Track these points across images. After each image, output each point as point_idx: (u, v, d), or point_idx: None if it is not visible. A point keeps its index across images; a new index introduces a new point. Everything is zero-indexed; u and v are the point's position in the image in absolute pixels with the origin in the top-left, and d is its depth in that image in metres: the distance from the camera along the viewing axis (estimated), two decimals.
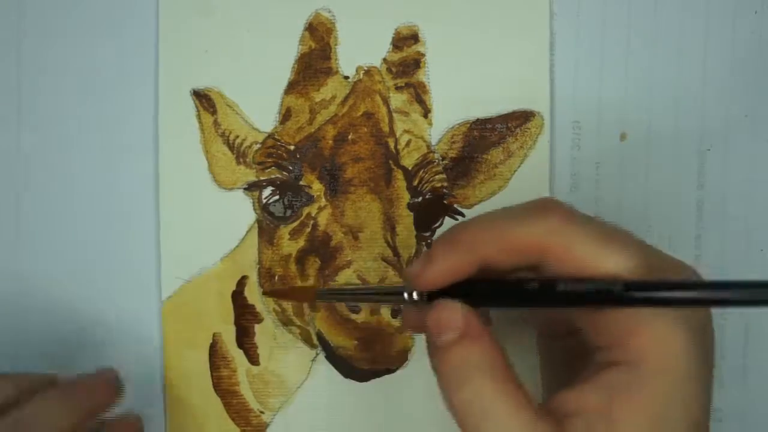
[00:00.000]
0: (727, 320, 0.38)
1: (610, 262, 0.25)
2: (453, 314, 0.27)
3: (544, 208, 0.27)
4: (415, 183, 0.37)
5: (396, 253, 0.37)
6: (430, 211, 0.37)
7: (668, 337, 0.25)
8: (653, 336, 0.25)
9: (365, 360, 0.37)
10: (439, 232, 0.38)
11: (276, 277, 0.37)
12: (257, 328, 0.38)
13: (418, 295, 0.28)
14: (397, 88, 0.37)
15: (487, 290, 0.27)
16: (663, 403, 0.25)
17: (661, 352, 0.25)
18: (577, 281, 0.26)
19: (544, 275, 0.27)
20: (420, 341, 0.37)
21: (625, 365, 0.25)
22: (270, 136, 0.37)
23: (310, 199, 0.37)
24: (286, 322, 0.38)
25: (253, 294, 0.38)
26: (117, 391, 0.34)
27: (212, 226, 0.37)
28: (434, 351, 0.27)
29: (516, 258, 0.27)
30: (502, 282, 0.27)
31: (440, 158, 0.38)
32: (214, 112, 0.37)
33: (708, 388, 0.26)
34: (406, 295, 0.29)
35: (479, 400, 0.26)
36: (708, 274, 0.37)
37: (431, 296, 0.28)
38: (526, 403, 0.25)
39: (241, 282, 0.38)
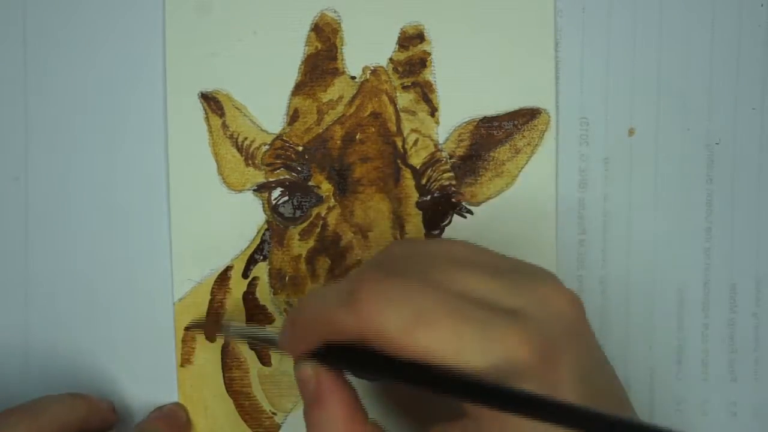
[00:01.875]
0: (737, 314, 0.38)
1: (417, 348, 0.26)
2: (305, 376, 0.29)
3: (351, 294, 0.27)
4: (424, 182, 0.38)
5: None
6: (438, 209, 0.38)
7: None
8: None
9: None
10: (448, 230, 0.38)
11: (287, 278, 0.38)
12: (269, 328, 0.38)
13: None
14: (404, 88, 0.38)
15: (351, 357, 0.29)
16: None
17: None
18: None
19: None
20: None
21: (472, 416, 0.26)
22: (278, 137, 0.38)
23: (320, 200, 0.37)
24: None
25: (264, 295, 0.38)
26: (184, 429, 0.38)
27: (223, 228, 0.38)
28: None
29: (345, 339, 0.28)
30: (363, 352, 0.28)
31: (448, 157, 0.38)
32: (222, 115, 0.38)
33: None
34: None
35: None
36: (719, 267, 0.38)
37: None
38: None
39: (252, 283, 0.38)
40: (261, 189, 0.38)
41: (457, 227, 0.38)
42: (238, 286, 0.38)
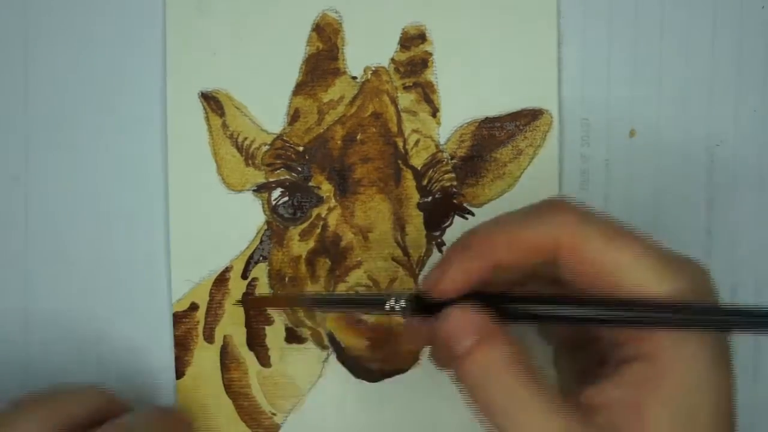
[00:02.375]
0: None
1: (620, 259, 0.26)
2: (468, 320, 0.27)
3: (554, 206, 0.27)
4: (425, 182, 0.37)
5: (406, 253, 0.37)
6: (439, 210, 0.38)
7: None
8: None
9: (376, 360, 0.37)
10: (449, 231, 0.38)
11: (286, 279, 0.37)
12: (268, 330, 0.38)
13: (403, 303, 0.28)
14: (405, 88, 0.37)
15: (501, 302, 0.27)
16: (686, 392, 0.25)
17: (677, 342, 0.25)
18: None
19: (559, 276, 0.27)
20: None
21: (645, 358, 0.26)
22: (278, 137, 0.38)
23: (320, 200, 0.37)
24: (296, 324, 0.38)
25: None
26: None
27: (222, 228, 0.38)
28: (453, 360, 0.27)
29: (529, 258, 0.27)
30: (516, 296, 0.28)
31: (449, 157, 0.38)
32: (222, 114, 0.38)
33: (728, 379, 0.26)
34: (389, 305, 0.29)
35: (510, 400, 0.26)
36: (719, 268, 0.38)
37: (424, 307, 0.28)
38: (554, 398, 0.26)
39: (251, 284, 0.38)
40: (261, 189, 0.38)
41: (458, 229, 0.38)
42: (237, 287, 0.38)
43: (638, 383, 0.26)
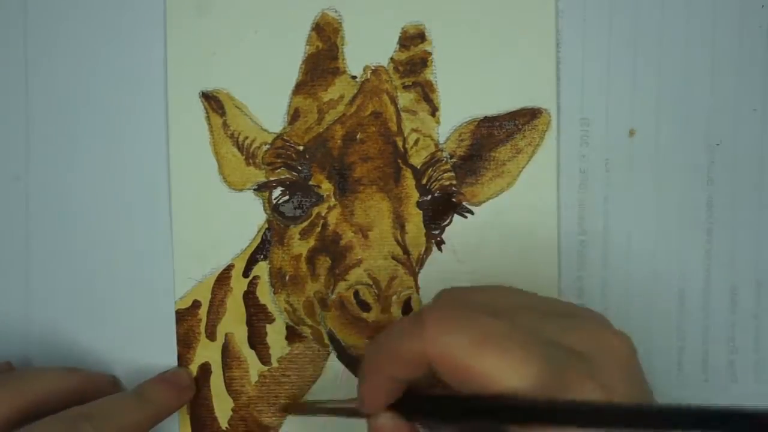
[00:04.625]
0: (738, 315, 0.38)
1: (483, 363, 0.26)
2: (383, 427, 0.30)
3: (420, 319, 0.28)
4: (424, 181, 0.38)
5: (406, 251, 0.37)
6: (439, 209, 0.38)
7: None
8: None
9: None
10: (448, 230, 0.38)
11: (287, 277, 0.38)
12: (269, 328, 0.38)
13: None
14: (405, 87, 0.38)
15: (416, 406, 0.30)
16: None
17: None
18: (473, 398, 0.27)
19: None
20: None
21: None
22: (279, 136, 0.38)
23: (320, 199, 0.37)
24: (297, 322, 0.38)
25: (264, 294, 0.38)
26: (186, 391, 0.37)
27: (224, 227, 0.38)
28: None
29: (413, 371, 0.28)
30: (427, 398, 0.30)
31: (448, 156, 0.38)
32: (223, 114, 0.38)
33: None
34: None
35: None
36: (720, 269, 0.38)
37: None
38: None
39: (253, 282, 0.38)
40: (261, 188, 0.38)
41: (457, 227, 0.38)
42: (238, 285, 0.38)
43: None
